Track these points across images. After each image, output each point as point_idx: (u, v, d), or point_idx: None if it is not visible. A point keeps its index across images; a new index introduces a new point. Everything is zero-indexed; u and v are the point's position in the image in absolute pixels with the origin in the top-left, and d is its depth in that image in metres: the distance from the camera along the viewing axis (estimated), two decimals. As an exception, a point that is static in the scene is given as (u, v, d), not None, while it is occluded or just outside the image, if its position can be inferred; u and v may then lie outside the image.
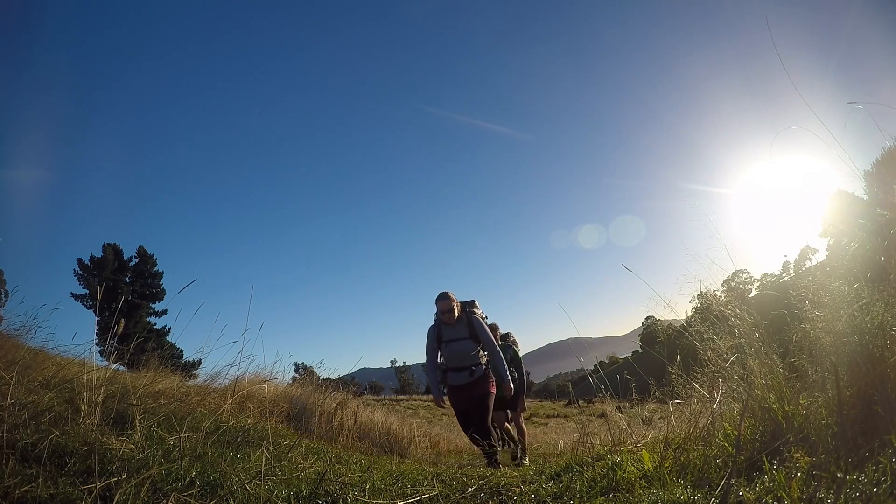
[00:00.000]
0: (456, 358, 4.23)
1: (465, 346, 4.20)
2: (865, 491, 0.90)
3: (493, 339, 4.26)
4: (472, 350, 4.19)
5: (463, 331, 4.23)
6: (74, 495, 0.94)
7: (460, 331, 4.24)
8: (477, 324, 4.26)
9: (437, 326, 4.30)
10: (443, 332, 4.28)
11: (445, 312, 4.18)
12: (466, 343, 4.21)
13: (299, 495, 1.12)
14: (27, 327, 3.37)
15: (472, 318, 4.27)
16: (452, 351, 4.23)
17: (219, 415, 2.20)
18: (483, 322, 4.32)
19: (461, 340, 4.22)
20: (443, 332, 4.28)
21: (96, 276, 27.47)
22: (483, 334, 4.24)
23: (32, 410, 1.51)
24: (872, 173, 2.08)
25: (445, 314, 4.17)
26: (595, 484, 1.38)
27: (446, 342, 4.25)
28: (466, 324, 4.25)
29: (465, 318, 4.24)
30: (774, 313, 1.87)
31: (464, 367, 4.19)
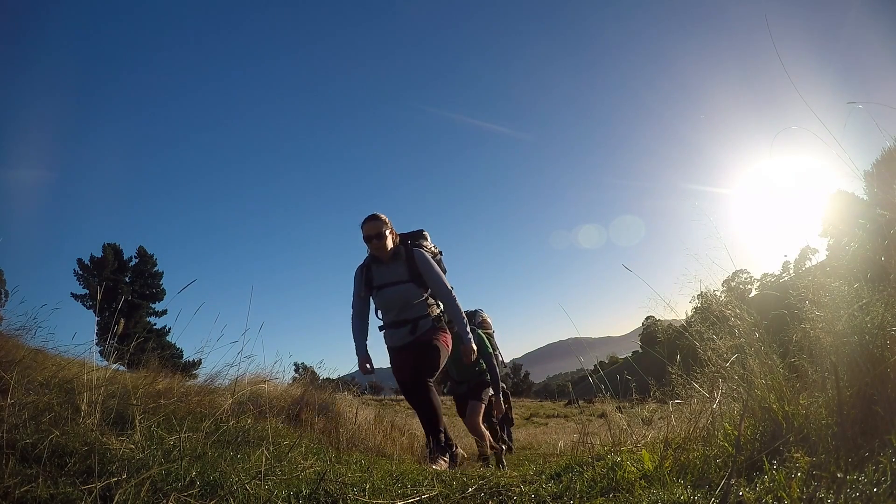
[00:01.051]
0: (392, 309, 3.11)
1: (403, 293, 3.07)
2: (865, 491, 0.90)
3: (445, 281, 3.12)
4: (415, 297, 3.07)
5: (401, 271, 3.09)
6: (74, 495, 0.94)
7: (397, 271, 3.09)
8: (421, 260, 3.09)
9: (367, 266, 3.17)
10: (374, 274, 3.13)
11: (373, 239, 3.02)
12: (406, 288, 3.07)
13: (299, 495, 1.12)
14: (27, 327, 3.37)
15: (414, 252, 3.12)
16: (386, 299, 3.10)
17: (219, 415, 2.20)
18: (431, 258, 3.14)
19: (398, 285, 3.07)
20: (374, 274, 3.13)
21: (96, 276, 27.49)
22: (430, 274, 3.07)
23: (32, 410, 1.51)
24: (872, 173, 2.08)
25: (373, 242, 3.03)
26: (595, 484, 1.38)
27: (378, 288, 3.11)
28: (405, 261, 3.10)
29: (403, 254, 3.11)
30: (774, 313, 1.87)
31: (403, 320, 3.09)
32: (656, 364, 2.60)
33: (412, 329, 3.08)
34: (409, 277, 3.09)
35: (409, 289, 3.09)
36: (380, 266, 3.13)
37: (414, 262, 3.10)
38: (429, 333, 3.09)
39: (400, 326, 3.12)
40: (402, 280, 3.09)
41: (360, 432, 4.07)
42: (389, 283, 3.10)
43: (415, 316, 3.10)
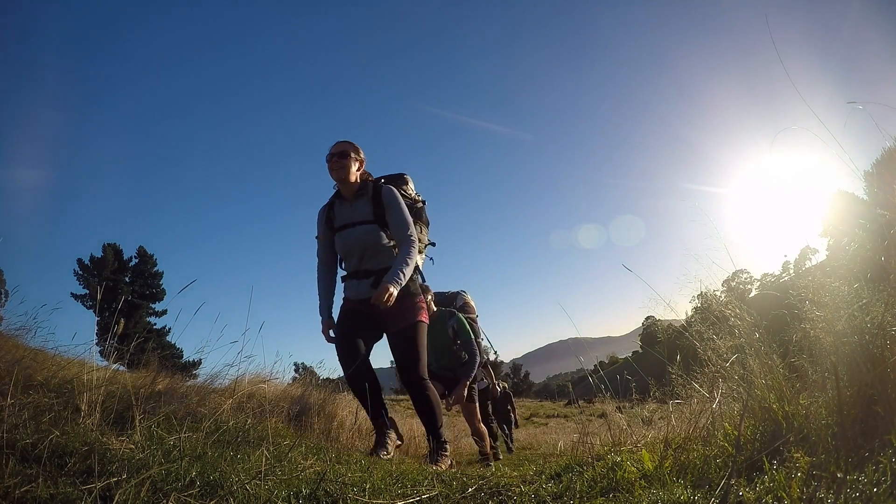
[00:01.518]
0: (352, 255, 2.63)
1: (363, 235, 2.57)
2: (865, 491, 0.90)
3: (409, 223, 2.58)
4: (379, 242, 2.58)
5: (365, 210, 2.60)
6: (74, 495, 0.94)
7: (361, 210, 2.61)
8: (388, 196, 2.60)
9: (330, 205, 2.72)
10: (336, 214, 2.68)
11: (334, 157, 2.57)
12: (367, 230, 2.58)
13: (299, 495, 1.12)
14: (27, 327, 3.38)
15: (382, 188, 2.63)
16: (345, 242, 2.63)
17: (219, 415, 2.20)
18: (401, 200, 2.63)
19: (359, 225, 2.59)
20: (336, 214, 2.68)
21: (96, 276, 27.51)
22: (394, 212, 2.57)
23: (32, 410, 1.51)
24: (872, 173, 2.08)
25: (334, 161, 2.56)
26: (595, 484, 1.38)
27: (339, 229, 2.65)
28: (371, 197, 2.61)
29: (370, 191, 2.62)
30: (774, 313, 1.87)
31: (365, 271, 2.60)
32: (656, 364, 2.60)
33: (375, 283, 2.56)
34: (373, 217, 2.60)
35: (371, 231, 2.59)
36: (343, 204, 2.68)
37: (380, 199, 2.61)
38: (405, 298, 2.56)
39: (361, 278, 2.63)
40: (365, 220, 2.61)
41: (360, 432, 4.07)
42: (350, 223, 2.63)
43: (379, 267, 2.60)
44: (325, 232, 2.75)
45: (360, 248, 2.64)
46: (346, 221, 2.67)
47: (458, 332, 3.86)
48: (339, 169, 2.61)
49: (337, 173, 2.62)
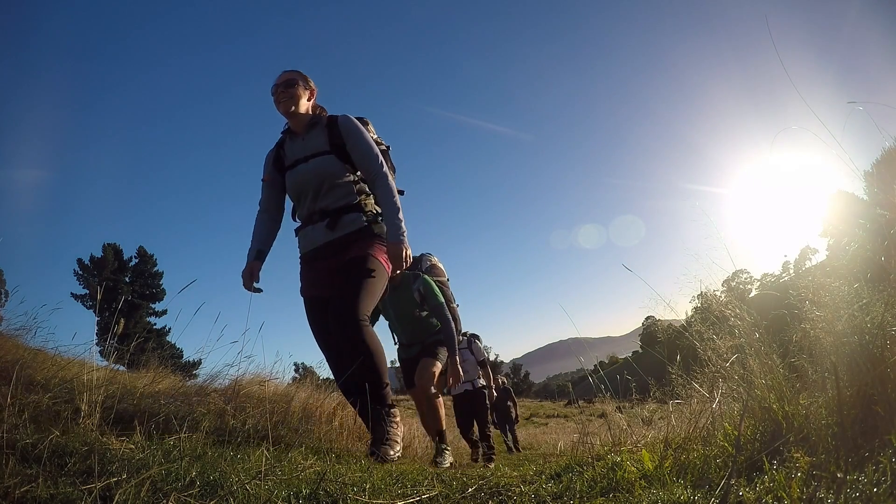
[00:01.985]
0: (304, 194, 2.25)
1: (317, 167, 2.20)
2: (865, 491, 0.90)
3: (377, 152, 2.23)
4: (336, 175, 2.21)
5: (320, 141, 2.26)
6: (74, 495, 0.94)
7: (315, 142, 2.26)
8: (348, 126, 2.26)
9: (279, 144, 2.39)
10: (286, 152, 2.34)
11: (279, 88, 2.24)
12: (322, 161, 2.21)
13: (299, 495, 1.12)
14: (27, 327, 3.38)
15: (338, 117, 2.30)
16: (296, 180, 2.26)
17: (219, 415, 2.20)
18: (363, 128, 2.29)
19: (313, 158, 2.23)
20: (286, 152, 2.34)
21: (96, 276, 27.52)
22: (357, 141, 2.23)
23: (32, 410, 1.51)
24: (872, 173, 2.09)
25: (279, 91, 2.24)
26: (595, 484, 1.38)
27: (290, 167, 2.30)
28: (326, 127, 2.28)
29: (325, 121, 2.30)
30: (774, 313, 1.87)
31: (320, 211, 2.23)
32: (656, 364, 2.60)
33: (331, 224, 2.18)
34: (329, 148, 2.23)
35: (326, 162, 2.21)
36: (294, 140, 2.32)
37: (336, 129, 2.25)
38: (359, 240, 2.19)
39: (316, 221, 2.24)
40: (319, 152, 2.23)
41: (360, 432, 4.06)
42: (302, 158, 2.25)
43: (336, 205, 2.21)
44: (272, 173, 2.37)
45: (314, 182, 2.22)
46: (297, 157, 2.28)
47: (425, 296, 3.33)
48: (286, 100, 2.26)
49: (284, 105, 2.26)
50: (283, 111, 2.30)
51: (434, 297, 3.32)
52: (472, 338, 5.97)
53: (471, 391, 5.70)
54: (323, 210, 2.25)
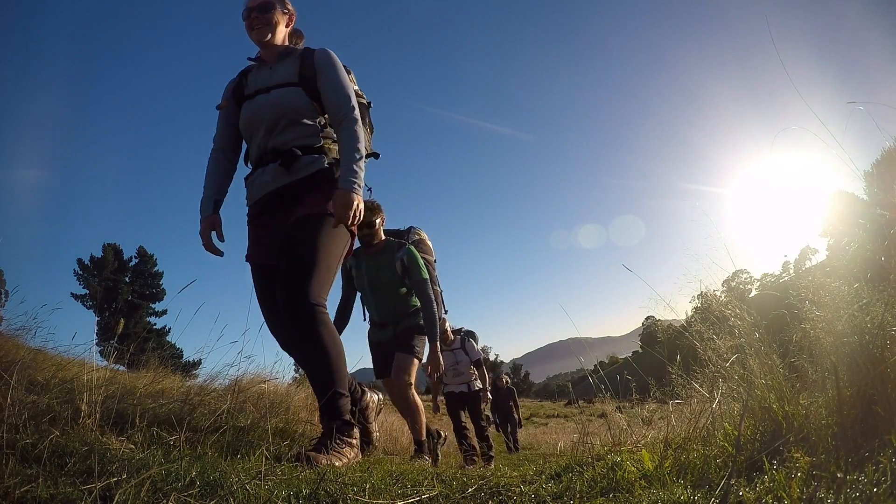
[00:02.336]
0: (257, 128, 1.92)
1: (279, 100, 1.89)
2: (865, 491, 0.90)
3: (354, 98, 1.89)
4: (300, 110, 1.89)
5: (290, 72, 1.95)
6: (74, 495, 0.94)
7: (284, 72, 1.96)
8: (324, 59, 1.94)
9: (244, 72, 2.06)
10: (249, 81, 2.01)
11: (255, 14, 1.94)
12: (286, 94, 1.90)
13: (299, 495, 1.12)
14: (27, 327, 3.38)
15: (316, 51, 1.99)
16: (251, 112, 1.94)
17: (219, 415, 2.20)
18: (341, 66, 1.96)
19: (276, 89, 1.91)
20: (249, 81, 2.01)
21: (96, 276, 27.52)
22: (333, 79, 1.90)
23: (32, 410, 1.51)
24: (872, 173, 2.09)
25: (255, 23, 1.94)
26: (595, 484, 1.38)
27: (250, 97, 1.96)
28: (300, 57, 1.98)
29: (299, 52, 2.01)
30: (774, 313, 1.87)
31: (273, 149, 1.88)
32: (656, 364, 2.60)
33: (285, 163, 1.84)
34: (297, 80, 1.90)
35: (290, 95, 1.88)
36: (261, 68, 2.00)
37: (310, 60, 1.93)
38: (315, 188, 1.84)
39: (266, 163, 1.89)
40: (285, 83, 1.91)
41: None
42: (264, 88, 1.92)
43: (294, 144, 1.86)
44: (229, 101, 2.02)
45: (271, 116, 1.87)
46: (259, 86, 1.94)
47: (408, 268, 2.94)
48: (261, 27, 1.93)
49: (258, 33, 1.94)
50: (257, 40, 1.97)
51: (418, 270, 2.93)
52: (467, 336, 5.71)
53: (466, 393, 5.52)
54: (276, 149, 1.87)
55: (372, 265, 3.03)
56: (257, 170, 1.96)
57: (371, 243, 3.01)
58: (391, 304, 3.06)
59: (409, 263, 2.97)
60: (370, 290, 3.06)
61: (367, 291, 3.08)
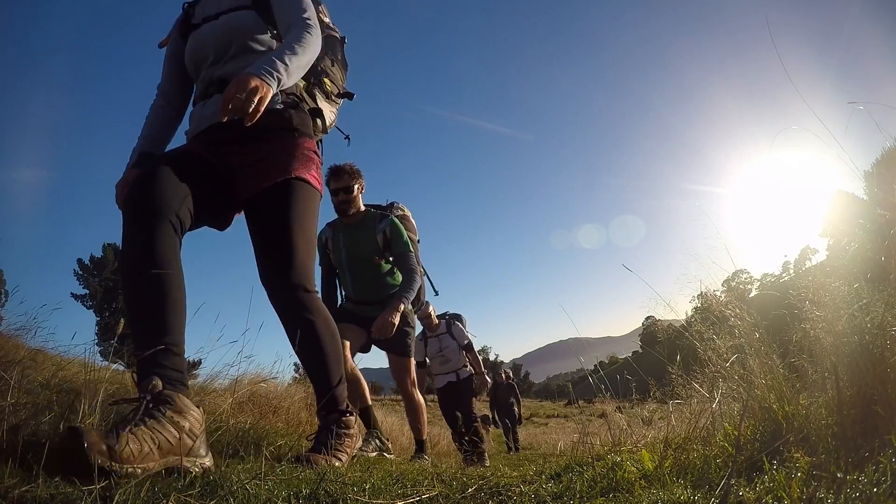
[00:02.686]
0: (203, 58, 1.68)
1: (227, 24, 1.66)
2: (865, 491, 0.90)
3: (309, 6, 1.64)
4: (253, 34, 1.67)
5: None
6: (74, 495, 0.94)
7: None
8: None
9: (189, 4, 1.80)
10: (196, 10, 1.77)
11: None
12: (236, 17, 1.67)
13: (299, 495, 1.12)
14: (27, 327, 3.38)
15: None
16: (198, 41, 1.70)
17: (219, 415, 2.20)
18: None
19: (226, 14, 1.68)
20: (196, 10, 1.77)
21: (96, 276, 27.51)
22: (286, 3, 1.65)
23: (32, 410, 1.51)
24: (872, 173, 2.09)
25: None
26: (595, 484, 1.38)
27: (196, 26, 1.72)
28: None
29: None
30: (774, 313, 1.87)
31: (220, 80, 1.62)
32: (656, 364, 2.60)
33: None
34: (248, 2, 1.67)
35: (240, 18, 1.65)
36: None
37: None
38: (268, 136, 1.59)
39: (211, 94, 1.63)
40: (235, 6, 1.67)
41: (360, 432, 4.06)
42: (213, 14, 1.68)
43: None
44: (174, 38, 1.78)
45: (218, 42, 1.63)
46: (207, 14, 1.69)
47: (391, 240, 2.69)
48: None
49: None
50: None
51: (402, 243, 2.70)
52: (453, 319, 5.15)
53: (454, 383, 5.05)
54: (222, 78, 1.61)
55: (350, 237, 2.79)
56: (199, 103, 1.70)
57: (348, 212, 2.78)
58: (370, 280, 2.80)
59: (391, 235, 2.72)
60: (347, 265, 2.82)
61: (344, 266, 2.84)
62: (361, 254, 2.78)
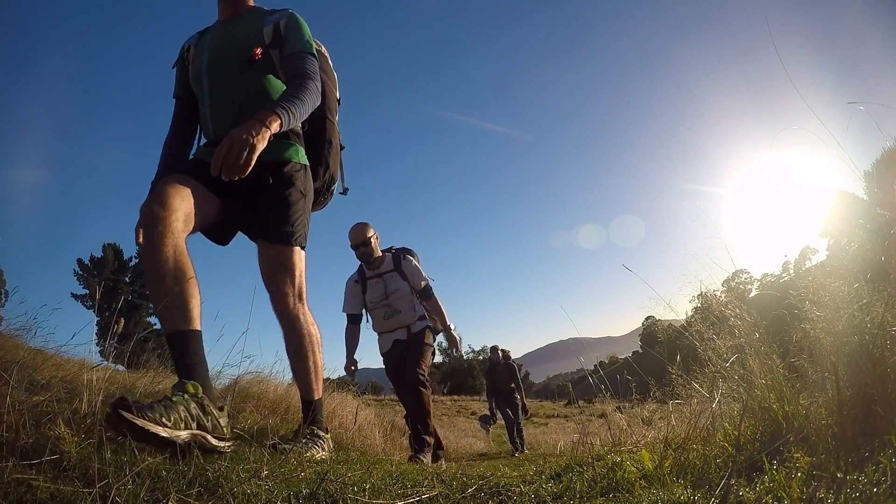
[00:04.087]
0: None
1: None
2: (865, 491, 0.90)
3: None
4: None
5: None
6: (74, 495, 0.94)
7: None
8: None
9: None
10: None
11: None
12: None
13: (299, 495, 1.12)
14: (27, 327, 3.37)
15: None
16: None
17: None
18: None
19: None
20: None
21: (96, 276, 27.52)
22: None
23: (32, 410, 1.51)
24: (872, 173, 2.09)
25: None
26: (595, 484, 1.38)
27: None
28: None
29: None
30: (774, 313, 1.87)
31: None
32: (656, 364, 2.60)
33: None
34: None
35: None
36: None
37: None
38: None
39: None
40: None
41: (361, 433, 4.06)
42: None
43: None
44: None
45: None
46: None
47: (286, 34, 1.82)
48: None
49: None
50: None
51: (302, 39, 1.80)
52: (402, 254, 3.61)
53: (403, 342, 3.49)
54: None
55: (221, 36, 1.87)
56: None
57: None
58: (238, 99, 1.80)
59: (287, 28, 1.82)
60: (207, 78, 1.82)
61: (203, 80, 1.83)
62: (230, 56, 1.79)
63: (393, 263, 3.56)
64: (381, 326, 3.60)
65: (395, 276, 3.49)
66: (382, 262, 3.59)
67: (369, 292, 3.59)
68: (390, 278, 3.50)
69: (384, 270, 3.56)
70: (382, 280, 3.52)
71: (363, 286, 3.62)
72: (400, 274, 3.50)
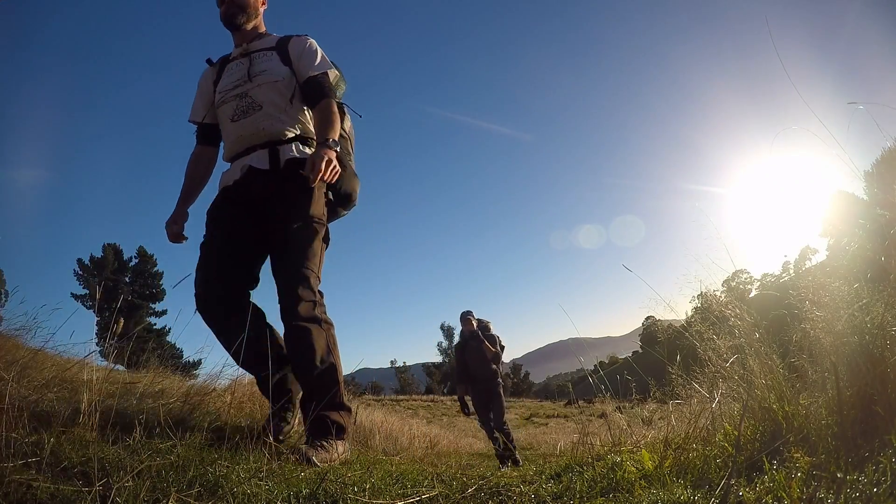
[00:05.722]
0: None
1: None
2: (865, 491, 0.90)
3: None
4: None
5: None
6: (74, 495, 0.94)
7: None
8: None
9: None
10: None
11: None
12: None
13: (299, 495, 1.12)
14: (27, 327, 3.37)
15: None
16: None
17: (219, 415, 2.20)
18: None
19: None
20: None
21: (96, 276, 27.53)
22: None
23: (32, 410, 1.51)
24: (872, 173, 2.09)
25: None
26: (595, 484, 1.38)
27: None
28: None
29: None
30: (774, 313, 1.87)
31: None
32: (656, 364, 2.60)
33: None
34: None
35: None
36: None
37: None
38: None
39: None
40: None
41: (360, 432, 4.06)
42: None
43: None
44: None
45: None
46: None
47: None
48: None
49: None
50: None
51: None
52: None
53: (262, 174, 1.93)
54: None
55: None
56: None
57: None
58: None
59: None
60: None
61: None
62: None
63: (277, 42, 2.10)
64: (228, 136, 2.07)
65: (272, 55, 2.03)
66: (260, 36, 2.13)
67: (224, 78, 2.09)
68: (261, 57, 2.04)
69: (259, 48, 2.07)
70: (248, 59, 2.05)
71: (218, 73, 2.15)
72: (281, 55, 2.04)
